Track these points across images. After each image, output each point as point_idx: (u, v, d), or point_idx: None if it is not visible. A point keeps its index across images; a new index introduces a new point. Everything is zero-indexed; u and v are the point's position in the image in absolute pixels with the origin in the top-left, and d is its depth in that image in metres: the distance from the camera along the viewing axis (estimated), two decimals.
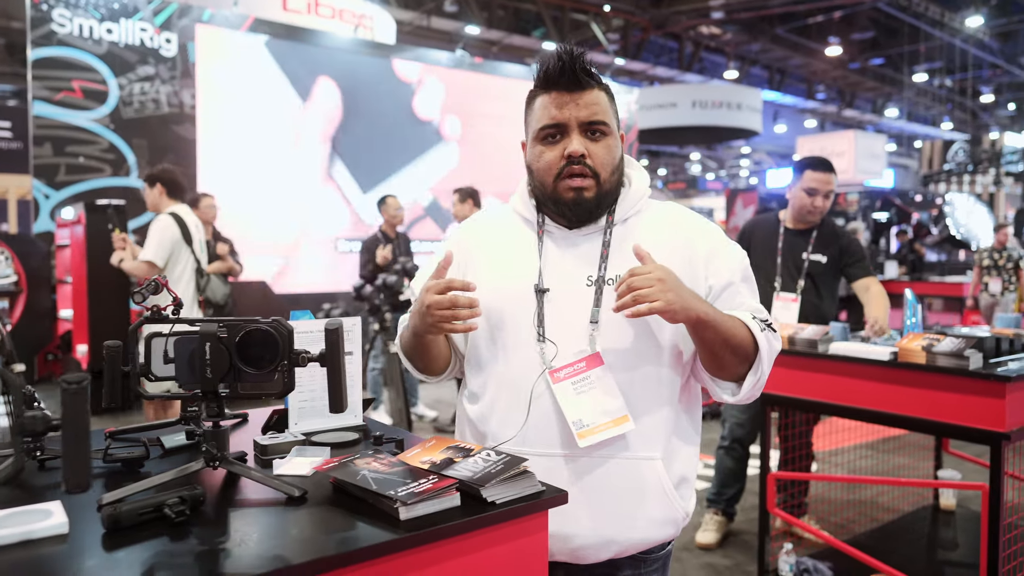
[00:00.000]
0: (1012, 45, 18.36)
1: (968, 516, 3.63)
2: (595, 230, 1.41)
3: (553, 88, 1.36)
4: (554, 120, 1.36)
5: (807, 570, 2.90)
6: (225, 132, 7.39)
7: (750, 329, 1.32)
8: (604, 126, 1.36)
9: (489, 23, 15.29)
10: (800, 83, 21.29)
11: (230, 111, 7.41)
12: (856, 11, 16.42)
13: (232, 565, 0.93)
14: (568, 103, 1.35)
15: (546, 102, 1.37)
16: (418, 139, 8.51)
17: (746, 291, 1.41)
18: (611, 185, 1.39)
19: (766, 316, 1.37)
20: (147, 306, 1.15)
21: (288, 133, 7.70)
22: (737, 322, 1.32)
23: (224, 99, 7.39)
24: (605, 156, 1.36)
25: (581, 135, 1.36)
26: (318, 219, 7.79)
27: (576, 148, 1.34)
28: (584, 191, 1.36)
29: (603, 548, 1.36)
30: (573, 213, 1.38)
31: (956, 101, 22.65)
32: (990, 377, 2.32)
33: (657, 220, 1.43)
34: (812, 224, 3.21)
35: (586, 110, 1.35)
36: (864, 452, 4.23)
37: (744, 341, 1.31)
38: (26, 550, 0.95)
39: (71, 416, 0.85)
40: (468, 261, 1.48)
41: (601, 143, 1.36)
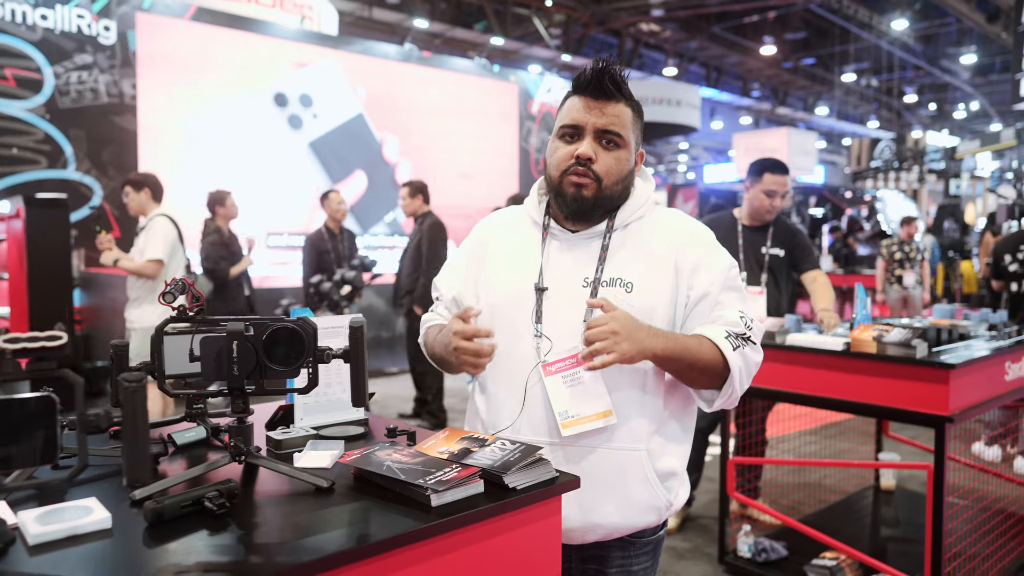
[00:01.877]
0: (933, 48, 19.25)
1: (907, 495, 3.87)
2: (596, 234, 1.48)
3: (581, 93, 1.44)
4: (573, 121, 1.44)
5: (764, 549, 3.06)
6: (168, 123, 7.20)
7: (720, 349, 1.38)
8: (618, 137, 1.43)
9: (432, 16, 15.23)
10: (736, 81, 21.86)
11: (173, 102, 7.23)
12: (789, 12, 16.96)
13: (283, 553, 0.97)
14: (591, 109, 1.43)
15: (572, 104, 1.45)
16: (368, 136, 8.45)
17: (728, 300, 1.45)
18: (612, 192, 1.46)
19: (743, 329, 1.42)
20: (174, 306, 1.18)
21: (235, 125, 7.55)
22: (704, 344, 1.38)
23: (167, 89, 7.20)
24: (612, 165, 1.44)
25: (594, 141, 1.43)
26: (267, 213, 7.67)
27: (585, 151, 1.42)
28: (583, 189, 1.43)
29: (589, 531, 1.44)
30: (571, 208, 1.46)
31: (882, 101, 23.64)
32: (935, 365, 2.49)
33: (655, 227, 1.50)
34: (767, 221, 3.37)
35: (604, 119, 1.42)
36: (809, 438, 4.44)
37: (711, 363, 1.38)
38: (74, 545, 0.97)
39: (131, 413, 0.88)
40: (484, 257, 1.57)
41: (612, 153, 1.44)
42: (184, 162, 7.24)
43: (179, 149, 7.25)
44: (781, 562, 3.04)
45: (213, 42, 7.45)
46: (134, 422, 0.87)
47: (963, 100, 23.99)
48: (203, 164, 7.33)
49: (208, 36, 7.42)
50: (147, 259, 4.25)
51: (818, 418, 4.37)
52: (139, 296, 4.35)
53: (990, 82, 21.03)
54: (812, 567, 2.87)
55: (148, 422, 0.90)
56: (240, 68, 7.61)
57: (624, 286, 1.43)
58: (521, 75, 10.03)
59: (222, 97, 7.49)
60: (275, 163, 7.81)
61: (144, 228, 4.41)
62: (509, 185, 9.42)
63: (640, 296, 1.42)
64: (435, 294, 1.65)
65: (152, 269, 4.25)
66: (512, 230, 1.58)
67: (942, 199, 16.33)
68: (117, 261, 4.27)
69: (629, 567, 1.50)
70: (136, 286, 4.35)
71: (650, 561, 1.53)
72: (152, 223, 4.35)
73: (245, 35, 7.67)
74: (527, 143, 9.76)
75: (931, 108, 25.53)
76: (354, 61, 8.41)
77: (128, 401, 0.87)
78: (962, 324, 3.21)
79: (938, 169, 16.59)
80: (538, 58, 17.47)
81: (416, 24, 15.23)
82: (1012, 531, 3.21)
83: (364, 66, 8.46)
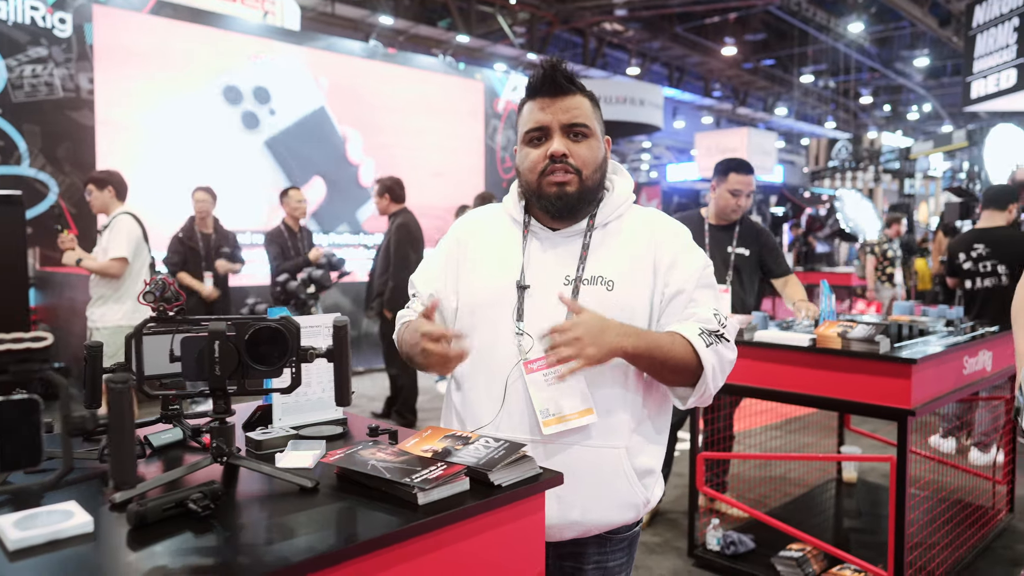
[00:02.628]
0: (888, 50, 19.72)
1: (868, 487, 3.97)
2: (576, 232, 1.50)
3: (537, 95, 1.46)
4: (538, 123, 1.45)
5: (733, 542, 3.12)
6: (127, 119, 7.04)
7: (693, 346, 1.39)
8: (585, 128, 1.45)
9: (395, 12, 15.13)
10: (697, 81, 22.13)
11: (132, 97, 7.07)
12: (750, 13, 17.23)
13: (271, 554, 0.97)
14: (550, 107, 1.45)
15: (531, 108, 1.47)
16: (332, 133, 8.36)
17: (702, 298, 1.46)
18: (593, 183, 1.48)
19: (716, 326, 1.43)
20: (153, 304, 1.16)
21: (196, 121, 7.42)
22: (677, 342, 1.39)
23: (125, 84, 7.04)
24: (587, 155, 1.46)
25: (563, 136, 1.45)
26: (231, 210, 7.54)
27: (558, 148, 1.43)
28: (566, 186, 1.44)
29: (567, 528, 1.45)
30: (556, 207, 1.46)
31: (839, 102, 24.14)
32: (898, 360, 2.56)
33: (634, 225, 1.51)
34: (734, 220, 3.43)
35: (567, 114, 1.44)
36: (773, 433, 4.52)
37: (684, 360, 1.39)
38: (56, 550, 0.95)
39: (117, 414, 0.86)
40: (463, 256, 1.56)
41: (583, 144, 1.46)
42: (144, 158, 7.09)
43: (138, 145, 7.10)
44: (749, 554, 3.10)
45: (173, 36, 7.30)
46: (121, 423, 0.86)
47: (916, 102, 24.63)
48: (163, 160, 7.18)
49: (168, 30, 7.27)
50: (111, 258, 4.17)
51: (781, 413, 4.45)
52: (103, 295, 4.26)
53: (942, 85, 21.62)
54: (779, 559, 2.93)
55: (135, 423, 0.88)
56: (201, 63, 7.47)
57: (605, 284, 1.44)
58: (487, 73, 10.02)
59: (183, 92, 7.35)
60: (235, 160, 7.69)
61: (108, 227, 4.32)
62: (475, 183, 9.41)
63: (620, 294, 1.44)
64: (411, 291, 1.64)
65: (116, 268, 4.19)
66: (491, 229, 1.58)
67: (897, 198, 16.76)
68: (80, 261, 4.19)
69: (605, 563, 1.51)
70: (100, 285, 4.26)
71: (625, 557, 1.55)
72: (116, 221, 4.28)
73: (206, 29, 7.53)
74: (493, 141, 9.76)
75: (885, 109, 26.16)
76: (317, 57, 8.32)
77: (115, 402, 0.86)
78: (921, 320, 3.30)
79: (893, 169, 17.01)
80: (502, 56, 17.48)
81: (380, 20, 15.12)
82: (968, 520, 3.32)
83: (328, 62, 8.37)
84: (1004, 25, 9.81)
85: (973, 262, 4.42)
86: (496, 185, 9.57)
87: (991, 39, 10.11)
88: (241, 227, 7.71)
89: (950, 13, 15.10)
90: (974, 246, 4.43)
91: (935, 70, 20.65)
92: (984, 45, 10.25)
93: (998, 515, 3.60)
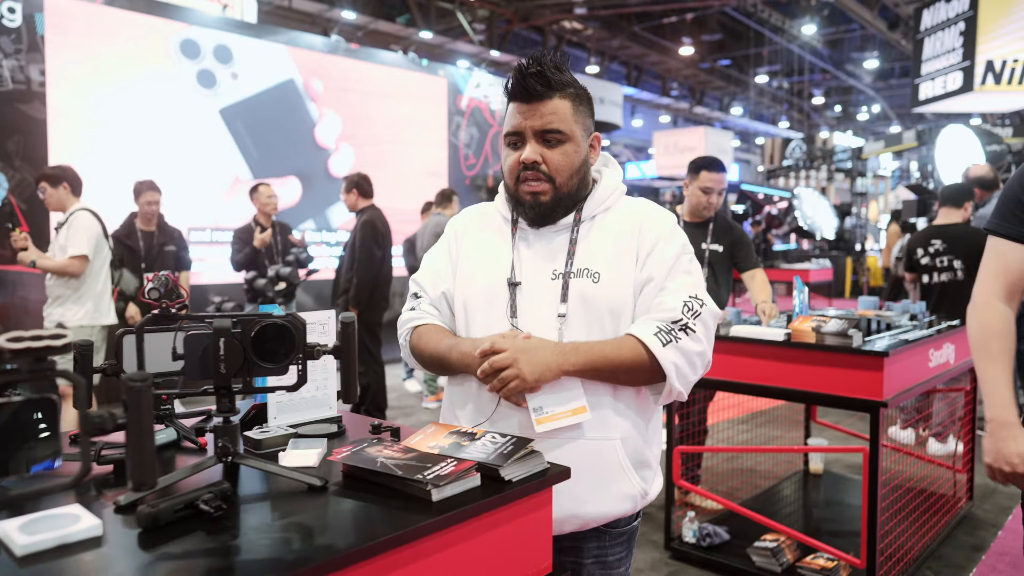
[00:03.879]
0: (839, 52, 20.22)
1: (834, 478, 4.07)
2: (564, 227, 1.49)
3: (515, 99, 1.45)
4: (513, 128, 1.46)
5: (708, 534, 3.17)
6: (81, 112, 6.83)
7: (648, 347, 1.37)
8: (559, 134, 1.43)
9: (353, 7, 14.97)
10: (655, 80, 22.38)
11: (86, 90, 6.86)
12: (706, 14, 17.49)
13: (291, 554, 0.95)
14: (524, 112, 1.44)
15: (510, 111, 1.47)
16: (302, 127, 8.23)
17: (674, 287, 1.44)
18: (570, 188, 1.47)
19: (680, 316, 1.40)
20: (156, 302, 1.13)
21: (152, 115, 7.23)
22: (626, 346, 1.38)
23: (79, 76, 6.83)
24: (561, 161, 1.44)
25: (537, 143, 1.44)
26: (190, 207, 7.38)
27: (529, 156, 1.43)
28: (540, 195, 1.45)
29: (566, 522, 1.45)
30: (531, 214, 1.48)
31: (793, 102, 24.67)
32: (870, 353, 2.63)
33: (622, 216, 1.51)
34: (707, 218, 3.48)
35: (540, 120, 1.42)
36: (741, 427, 4.60)
37: (636, 363, 1.38)
38: (66, 555, 0.92)
39: (136, 414, 0.84)
40: (459, 252, 1.58)
41: (557, 150, 1.44)
42: (98, 152, 6.88)
43: (93, 139, 6.89)
44: (724, 546, 3.15)
45: (128, 28, 7.10)
46: (140, 423, 0.84)
47: (866, 103, 25.30)
48: (118, 155, 6.99)
49: (123, 21, 7.07)
50: (70, 256, 4.04)
51: (747, 408, 4.54)
52: (61, 295, 4.12)
53: (890, 86, 22.25)
54: (754, 549, 2.98)
55: (153, 424, 0.86)
56: (157, 56, 7.28)
57: (591, 276, 1.44)
58: (450, 70, 9.97)
59: (138, 85, 7.16)
60: (196, 155, 7.52)
61: (65, 224, 4.18)
62: (438, 181, 9.37)
63: (606, 286, 1.44)
64: (414, 290, 1.61)
65: (76, 266, 4.05)
66: (483, 226, 1.58)
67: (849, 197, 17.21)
68: (35, 263, 4.03)
69: (604, 557, 1.52)
70: (58, 284, 4.12)
71: (624, 551, 1.56)
72: (73, 218, 4.14)
73: (163, 21, 7.34)
74: (456, 138, 9.73)
75: (837, 110, 26.81)
76: (278, 52, 8.18)
77: (134, 401, 0.83)
78: (886, 315, 3.39)
79: (845, 168, 17.46)
80: (463, 53, 17.42)
81: (338, 15, 14.94)
82: (932, 509, 3.42)
83: (289, 57, 8.24)
84: (950, 29, 10.14)
85: (931, 257, 4.56)
86: (459, 182, 9.54)
87: (938, 42, 10.44)
88: (202, 224, 7.56)
89: (899, 17, 15.54)
90: (932, 242, 4.57)
91: (884, 72, 21.25)
92: (931, 48, 10.58)
93: (959, 503, 3.72)
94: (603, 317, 1.44)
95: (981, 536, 3.48)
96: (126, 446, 0.85)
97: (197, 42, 7.55)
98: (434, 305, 1.57)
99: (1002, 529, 3.56)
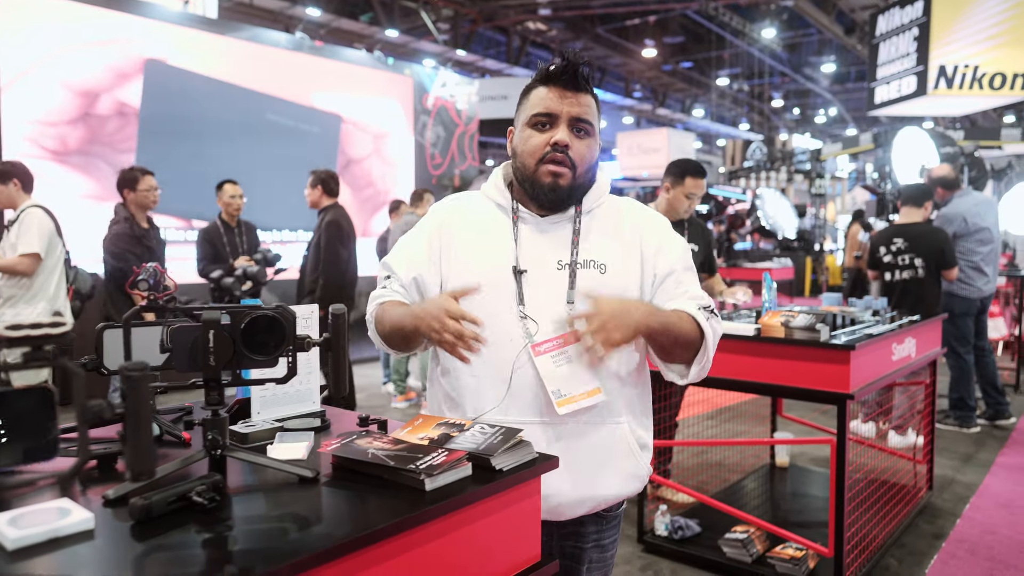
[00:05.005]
0: (797, 56, 20.63)
1: (799, 471, 4.16)
2: (564, 218, 1.53)
3: (553, 83, 1.48)
4: (548, 110, 1.47)
5: (680, 527, 3.21)
6: (31, 107, 6.65)
7: (696, 320, 1.45)
8: (590, 127, 1.49)
9: (317, 4, 14.84)
10: (619, 82, 22.57)
11: (40, 85, 6.68)
12: (668, 16, 17.70)
13: (287, 544, 0.95)
14: (564, 98, 1.47)
15: (544, 94, 1.48)
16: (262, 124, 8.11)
17: (688, 279, 1.54)
18: (584, 180, 1.51)
19: (708, 302, 1.50)
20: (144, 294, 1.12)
21: (108, 109, 7.07)
22: (684, 317, 1.45)
23: (32, 71, 6.65)
24: (586, 152, 1.49)
25: (568, 129, 1.47)
26: None
27: (562, 138, 1.46)
28: (560, 178, 1.47)
29: (579, 505, 1.48)
30: (547, 198, 1.49)
31: (753, 105, 25.08)
32: (837, 346, 2.70)
33: (615, 212, 1.57)
34: (682, 218, 3.57)
35: (578, 108, 1.47)
36: (707, 422, 4.67)
37: (690, 334, 1.45)
38: (58, 548, 0.91)
39: (134, 403, 0.83)
40: (448, 241, 1.55)
41: (584, 141, 1.49)
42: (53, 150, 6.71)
43: (45, 136, 6.71)
44: (696, 538, 3.20)
45: (84, 20, 6.93)
46: (138, 413, 0.83)
47: (823, 106, 25.84)
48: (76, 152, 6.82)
49: (78, 14, 6.89)
50: (21, 254, 3.93)
51: (714, 403, 4.61)
52: (13, 295, 4.00)
53: (847, 90, 22.76)
54: (725, 541, 3.04)
55: (151, 413, 0.85)
56: (115, 50, 7.12)
57: (598, 268, 1.49)
58: (416, 69, 9.93)
59: (95, 80, 7.00)
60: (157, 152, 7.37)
61: (15, 221, 4.07)
62: (404, 180, 9.33)
63: (613, 277, 1.48)
64: (385, 273, 1.59)
65: (27, 265, 3.94)
66: (474, 215, 1.58)
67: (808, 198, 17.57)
68: None
69: (601, 540, 1.57)
70: (9, 284, 4.00)
71: (616, 534, 1.62)
72: (25, 215, 4.03)
73: (119, 15, 7.17)
74: (422, 137, 9.69)
75: (795, 113, 27.34)
76: (241, 48, 8.06)
77: (133, 390, 0.82)
78: (850, 310, 3.48)
79: (804, 170, 17.83)
80: (427, 52, 17.37)
81: (300, 12, 14.79)
82: (894, 500, 3.52)
83: (251, 54, 8.13)
84: (905, 34, 10.41)
85: (893, 255, 4.69)
86: (425, 181, 9.50)
87: (893, 47, 10.71)
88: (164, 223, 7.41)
89: (855, 22, 15.91)
90: (893, 240, 4.69)
91: (841, 76, 21.73)
92: (886, 53, 10.86)
93: (919, 493, 3.84)
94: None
95: (940, 524, 3.59)
96: (124, 436, 0.84)
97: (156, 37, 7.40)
98: (404, 287, 1.56)
99: (960, 518, 3.67)
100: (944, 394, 5.45)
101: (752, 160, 18.48)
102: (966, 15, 9.76)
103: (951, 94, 9.78)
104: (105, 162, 6.96)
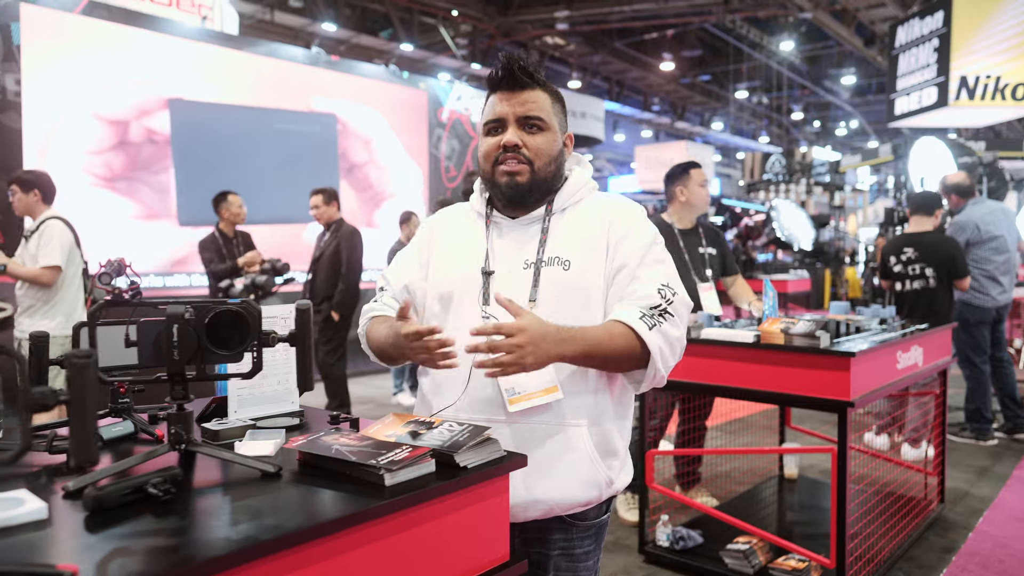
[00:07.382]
0: (817, 68, 20.50)
1: (808, 483, 4.09)
2: (535, 219, 1.54)
3: (499, 89, 1.51)
4: (496, 115, 1.51)
5: (682, 538, 3.17)
6: (56, 122, 6.79)
7: (636, 332, 1.39)
8: (540, 121, 1.50)
9: (336, 21, 15.03)
10: (637, 95, 22.57)
11: (63, 100, 6.82)
12: (686, 30, 17.69)
13: (238, 534, 0.95)
14: (508, 100, 1.50)
15: (492, 101, 1.53)
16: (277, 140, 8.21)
17: (647, 275, 1.46)
18: (546, 174, 1.51)
19: (659, 301, 1.43)
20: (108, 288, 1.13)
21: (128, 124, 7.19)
22: (617, 332, 1.39)
23: (55, 87, 6.79)
24: (543, 146, 1.50)
25: (518, 128, 1.50)
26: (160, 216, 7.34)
27: (510, 139, 1.48)
28: (517, 175, 1.49)
29: (531, 507, 1.45)
30: (507, 196, 1.51)
31: (772, 117, 24.94)
32: (838, 354, 2.66)
33: (591, 210, 1.55)
34: (696, 223, 3.62)
35: (523, 107, 1.49)
36: (714, 433, 4.61)
37: (627, 349, 1.40)
38: (9, 536, 0.92)
39: (79, 391, 0.84)
40: (432, 246, 1.62)
41: (538, 136, 1.50)
42: (74, 164, 6.84)
43: (69, 150, 6.84)
44: (698, 549, 3.15)
45: (106, 38, 7.08)
46: (83, 400, 0.84)
47: (843, 118, 25.63)
48: (96, 166, 6.95)
49: (100, 32, 7.05)
50: (43, 266, 4.00)
51: (722, 414, 4.56)
52: (32, 305, 4.07)
53: (867, 102, 22.56)
54: (727, 551, 2.99)
55: (96, 401, 0.86)
56: (136, 67, 7.26)
57: (562, 264, 1.48)
58: (431, 82, 10.01)
59: (115, 96, 7.13)
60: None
61: (36, 232, 4.14)
62: (419, 193, 9.38)
63: (576, 274, 1.47)
64: (381, 284, 1.66)
65: (49, 277, 4.01)
66: (458, 222, 1.64)
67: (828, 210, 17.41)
68: (5, 268, 3.99)
69: (571, 550, 1.52)
70: (29, 294, 4.07)
71: (593, 545, 1.55)
72: (46, 227, 4.10)
73: (141, 32, 7.33)
74: (437, 150, 9.75)
75: (815, 125, 27.13)
76: (258, 63, 8.18)
77: (76, 378, 0.83)
78: (856, 318, 3.43)
79: (824, 182, 17.67)
80: (445, 67, 17.51)
81: (320, 29, 14.98)
82: (903, 512, 3.45)
83: (269, 69, 8.24)
84: (924, 45, 10.30)
85: (903, 265, 4.62)
86: (440, 194, 9.55)
87: (912, 58, 10.60)
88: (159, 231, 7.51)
89: (874, 34, 15.80)
90: (904, 250, 4.63)
91: (861, 88, 21.55)
92: (906, 64, 10.75)
93: (930, 505, 3.76)
94: (573, 304, 1.46)
95: (952, 538, 3.51)
96: (68, 424, 0.85)
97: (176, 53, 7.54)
98: (395, 298, 1.61)
99: (972, 531, 3.59)
100: (961, 406, 5.34)
101: (771, 173, 18.35)
102: (987, 25, 9.65)
103: (973, 105, 9.65)
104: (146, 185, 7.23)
